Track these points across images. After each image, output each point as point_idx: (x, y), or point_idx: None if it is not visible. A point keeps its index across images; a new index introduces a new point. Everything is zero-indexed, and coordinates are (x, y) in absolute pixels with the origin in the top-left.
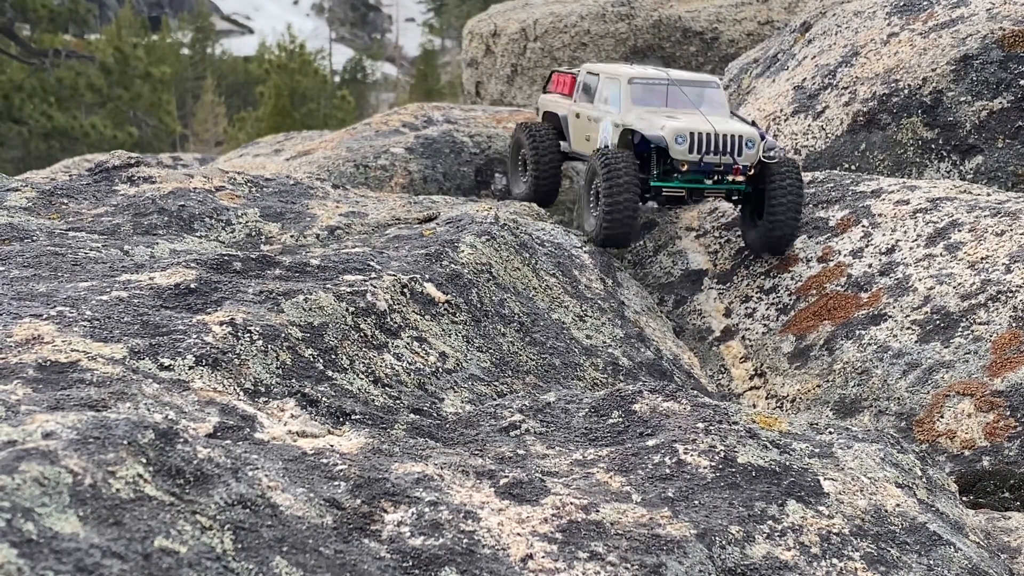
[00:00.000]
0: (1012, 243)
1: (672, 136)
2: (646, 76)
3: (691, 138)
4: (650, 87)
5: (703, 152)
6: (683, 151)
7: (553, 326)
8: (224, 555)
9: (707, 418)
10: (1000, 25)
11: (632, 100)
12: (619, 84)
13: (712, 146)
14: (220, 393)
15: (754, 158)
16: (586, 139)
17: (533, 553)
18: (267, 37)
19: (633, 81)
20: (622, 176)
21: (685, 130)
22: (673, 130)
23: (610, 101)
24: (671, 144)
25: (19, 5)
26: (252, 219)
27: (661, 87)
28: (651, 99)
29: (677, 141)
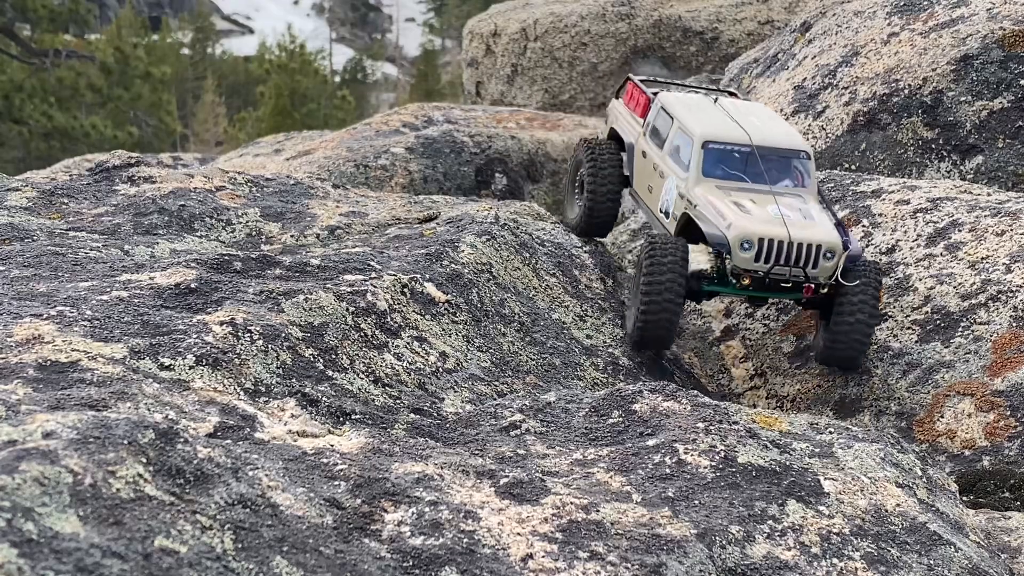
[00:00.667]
0: (1012, 243)
1: (738, 241)
2: (725, 139)
3: (760, 245)
4: (728, 154)
5: (772, 263)
6: (748, 259)
7: (553, 326)
8: (224, 555)
9: (707, 418)
10: (1000, 25)
11: (704, 170)
12: (692, 144)
13: (784, 256)
14: (220, 393)
15: (830, 272)
16: (649, 189)
17: (533, 553)
18: (267, 37)
19: (709, 146)
20: (665, 274)
21: (754, 235)
22: (740, 234)
23: (680, 158)
24: (735, 250)
25: (19, 5)
26: (252, 219)
27: (741, 155)
28: (728, 169)
29: (743, 247)
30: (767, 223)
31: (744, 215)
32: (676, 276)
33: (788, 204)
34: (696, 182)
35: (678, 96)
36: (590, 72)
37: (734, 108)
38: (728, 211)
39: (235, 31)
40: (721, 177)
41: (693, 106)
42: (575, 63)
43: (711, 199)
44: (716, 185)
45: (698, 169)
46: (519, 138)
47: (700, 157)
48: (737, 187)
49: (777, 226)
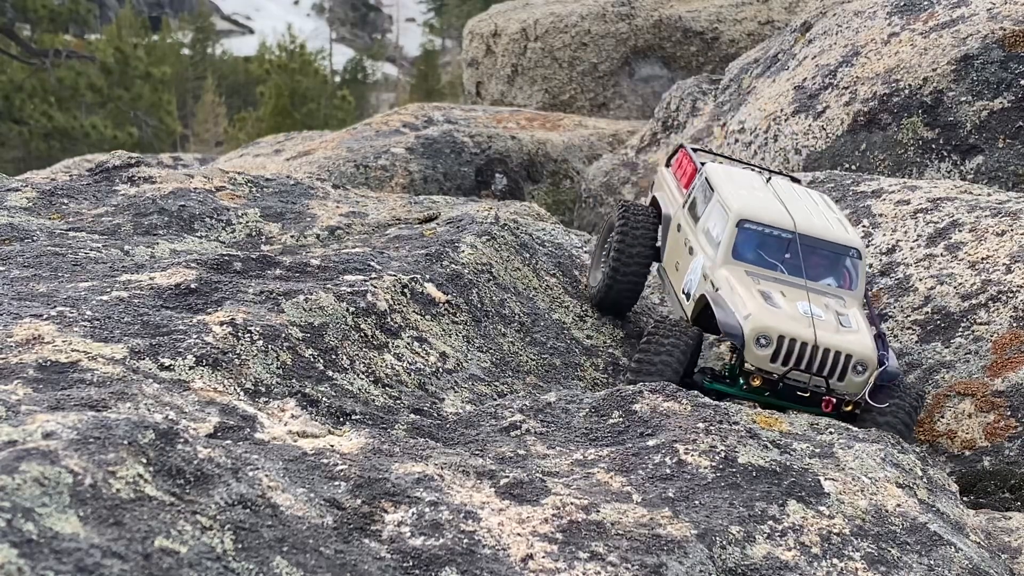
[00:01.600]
0: (1013, 243)
1: (754, 335)
2: (764, 220)
3: (780, 344)
4: (766, 237)
5: (790, 365)
6: (763, 358)
7: (553, 326)
8: (224, 555)
9: (707, 418)
10: (1001, 25)
11: (735, 251)
12: (726, 220)
13: (806, 361)
14: (220, 393)
15: (859, 388)
16: (676, 266)
17: (533, 553)
18: (267, 37)
19: (744, 225)
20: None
21: (774, 331)
22: (758, 327)
23: (713, 235)
24: (749, 344)
25: (19, 5)
26: (252, 219)
27: (782, 240)
28: (763, 255)
29: (759, 343)
30: (792, 320)
31: (767, 307)
32: (674, 363)
33: (823, 304)
34: (723, 262)
35: (727, 169)
36: (590, 72)
37: (786, 191)
38: (750, 300)
39: (235, 31)
40: (753, 262)
41: (740, 181)
42: (575, 63)
43: (735, 284)
44: (746, 271)
45: (728, 249)
46: (519, 138)
47: (733, 236)
48: (769, 276)
49: (803, 326)
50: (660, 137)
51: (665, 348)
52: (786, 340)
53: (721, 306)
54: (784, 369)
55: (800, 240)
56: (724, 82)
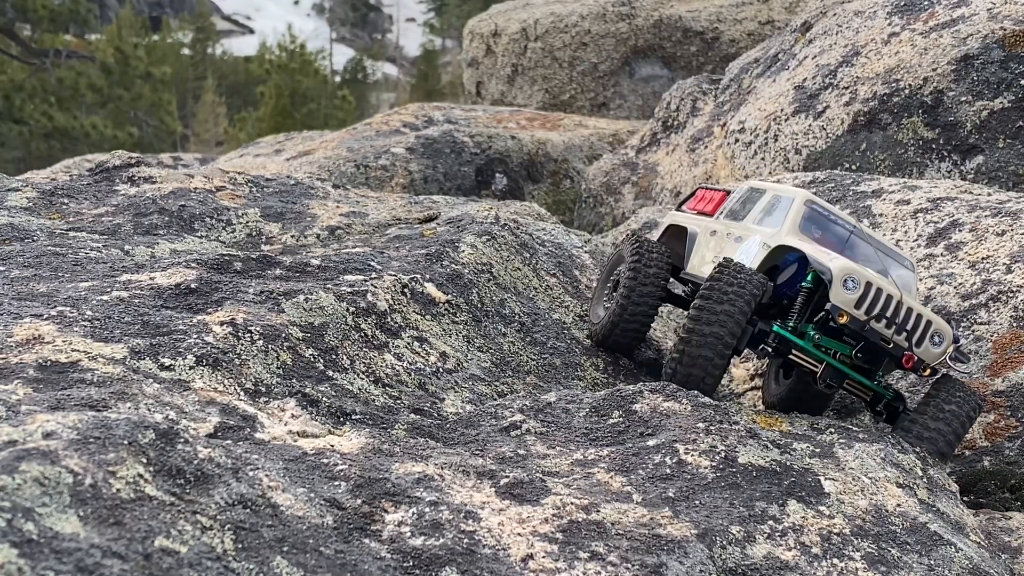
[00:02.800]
0: (1013, 243)
1: (841, 275)
2: (829, 208)
3: (866, 289)
4: (830, 221)
5: (874, 314)
6: (849, 300)
7: (554, 326)
8: (224, 555)
9: (708, 418)
10: (1001, 25)
11: (800, 225)
12: (791, 202)
13: (891, 313)
14: (221, 393)
15: (936, 359)
16: (712, 260)
17: (534, 553)
18: (268, 37)
19: (812, 204)
20: (725, 304)
21: (862, 276)
22: (845, 268)
23: (768, 220)
24: (836, 284)
25: (20, 5)
26: (253, 219)
27: (843, 229)
28: (825, 234)
29: (846, 285)
30: (877, 275)
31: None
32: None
33: (898, 276)
34: (790, 232)
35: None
36: (590, 72)
37: None
38: (831, 253)
39: (235, 31)
40: (818, 240)
41: None
42: (575, 63)
43: (809, 244)
44: (812, 244)
45: (796, 221)
46: (519, 138)
47: (800, 212)
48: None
49: (887, 282)
50: (660, 137)
51: (728, 296)
52: (873, 287)
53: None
54: (867, 317)
55: (859, 235)
56: (724, 82)
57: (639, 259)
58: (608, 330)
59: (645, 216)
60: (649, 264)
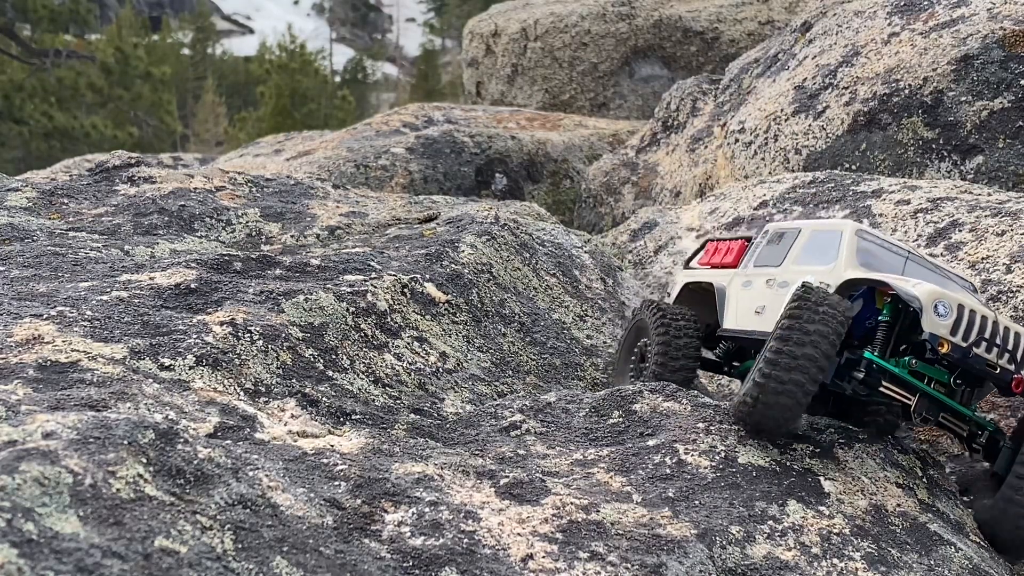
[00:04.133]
0: (1013, 243)
1: (931, 300)
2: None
3: (959, 313)
4: (884, 248)
5: (974, 339)
6: (944, 326)
7: (554, 326)
8: (224, 555)
9: (708, 418)
10: (1001, 25)
11: (857, 257)
12: (839, 236)
13: (989, 335)
14: (220, 393)
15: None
16: (757, 311)
17: (533, 553)
18: (268, 37)
19: (863, 233)
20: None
21: (953, 300)
22: (932, 293)
23: (816, 258)
24: (927, 312)
25: (20, 5)
26: (252, 219)
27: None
28: (883, 263)
29: (938, 311)
30: (965, 295)
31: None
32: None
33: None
34: (850, 265)
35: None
36: (590, 72)
37: None
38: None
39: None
40: (879, 270)
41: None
42: (575, 63)
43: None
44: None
45: (852, 254)
46: (519, 138)
47: (854, 244)
48: None
49: (977, 303)
50: (660, 137)
51: (811, 338)
52: (966, 310)
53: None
54: (967, 343)
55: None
56: (724, 82)
57: (667, 330)
58: None
59: (645, 216)
60: (679, 334)
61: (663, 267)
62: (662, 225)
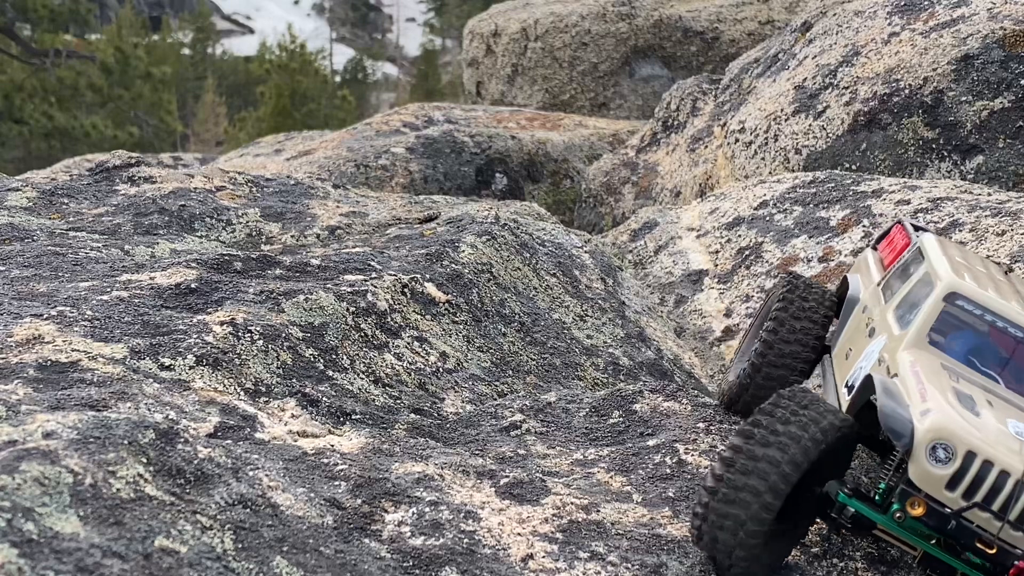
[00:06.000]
0: (1013, 243)
1: (929, 439)
2: (986, 304)
3: (967, 463)
4: (981, 329)
5: (975, 499)
6: (937, 479)
7: (554, 326)
8: (224, 555)
9: (708, 418)
10: (1001, 25)
11: (933, 333)
12: (932, 292)
13: (1002, 500)
14: (221, 393)
15: None
16: (847, 354)
17: (534, 553)
18: (268, 37)
19: (956, 301)
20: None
21: (963, 442)
22: (938, 428)
23: (908, 310)
24: (918, 452)
25: (20, 5)
26: (253, 219)
27: (1005, 342)
28: (973, 353)
29: (934, 455)
30: (996, 437)
31: (960, 410)
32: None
33: None
34: (914, 344)
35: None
36: (590, 72)
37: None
38: (936, 395)
39: (235, 31)
40: (957, 357)
41: (965, 257)
42: (575, 63)
43: (922, 372)
44: (942, 363)
45: (925, 327)
46: (519, 138)
47: (935, 311)
48: (976, 379)
49: (1010, 449)
50: (660, 137)
51: (780, 439)
52: (977, 460)
53: (890, 392)
54: (964, 504)
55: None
56: (724, 82)
57: (786, 305)
58: (736, 393)
59: (645, 216)
60: (799, 313)
61: (663, 267)
62: (662, 225)
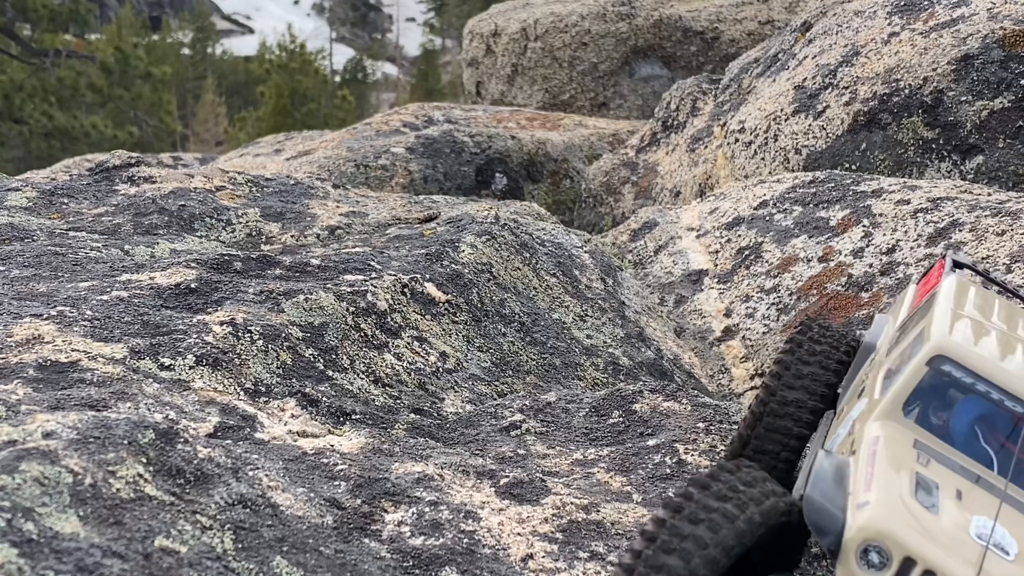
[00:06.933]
0: (1013, 243)
1: (859, 541)
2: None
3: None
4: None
5: None
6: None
7: (554, 326)
8: (224, 555)
9: (708, 418)
10: (1001, 25)
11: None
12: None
13: None
14: (220, 393)
15: None
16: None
17: (533, 553)
18: (268, 37)
19: (939, 366)
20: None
21: (899, 545)
22: (869, 529)
23: (897, 371)
24: (846, 555)
25: (20, 5)
26: (252, 219)
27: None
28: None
29: (865, 558)
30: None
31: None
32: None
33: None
34: (885, 414)
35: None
36: (590, 72)
37: None
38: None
39: (235, 31)
40: (938, 435)
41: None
42: (575, 63)
43: (882, 451)
44: (917, 439)
45: (900, 396)
46: (519, 138)
47: (915, 377)
48: (958, 463)
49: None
50: (660, 137)
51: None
52: (917, 570)
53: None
54: None
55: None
56: (724, 82)
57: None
58: (738, 446)
59: (645, 216)
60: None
61: (663, 267)
62: (662, 225)
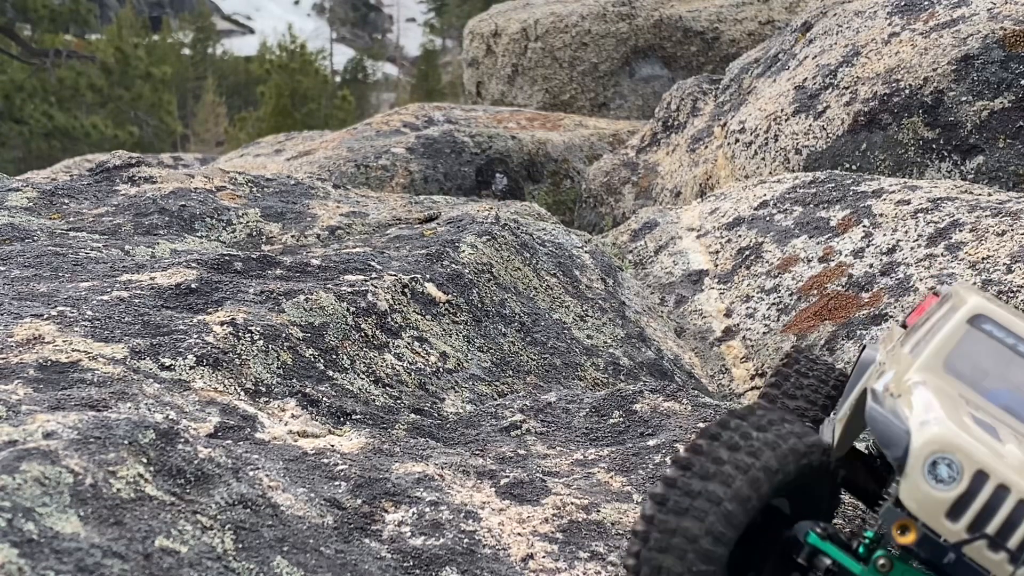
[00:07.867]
0: (1013, 243)
1: (927, 452)
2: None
3: (977, 484)
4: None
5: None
6: (936, 502)
7: (554, 326)
8: (225, 555)
9: (708, 418)
10: (1001, 25)
11: (951, 359)
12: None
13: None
14: (221, 393)
15: None
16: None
17: (534, 553)
18: (268, 37)
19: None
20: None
21: (971, 459)
22: (939, 440)
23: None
24: (913, 467)
25: (20, 5)
26: (253, 219)
27: None
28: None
29: (933, 472)
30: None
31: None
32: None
33: None
34: (926, 367)
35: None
36: (591, 72)
37: None
38: (945, 407)
39: (236, 31)
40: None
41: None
42: (576, 63)
43: (932, 392)
44: (960, 391)
45: (942, 351)
46: (520, 138)
47: (955, 335)
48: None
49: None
50: (660, 137)
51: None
52: (990, 484)
53: (881, 403)
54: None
55: None
56: (724, 82)
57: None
58: None
59: (645, 216)
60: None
61: (663, 267)
62: (662, 225)
